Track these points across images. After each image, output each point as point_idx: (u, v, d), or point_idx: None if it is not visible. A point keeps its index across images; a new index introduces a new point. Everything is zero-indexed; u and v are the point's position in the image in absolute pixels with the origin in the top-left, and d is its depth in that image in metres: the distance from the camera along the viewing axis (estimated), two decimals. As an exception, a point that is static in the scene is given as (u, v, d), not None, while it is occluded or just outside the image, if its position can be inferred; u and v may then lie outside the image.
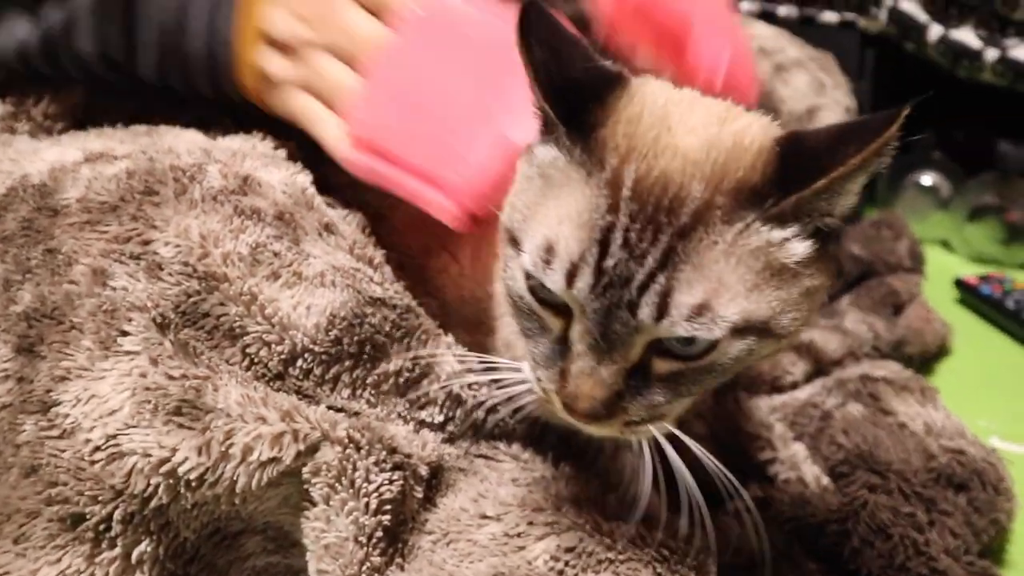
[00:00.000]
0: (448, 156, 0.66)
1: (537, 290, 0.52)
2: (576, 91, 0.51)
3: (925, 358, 1.12)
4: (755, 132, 0.51)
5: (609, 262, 0.48)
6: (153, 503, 0.54)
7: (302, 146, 0.76)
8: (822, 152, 0.48)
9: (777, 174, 0.49)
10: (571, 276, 0.49)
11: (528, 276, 0.52)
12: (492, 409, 0.69)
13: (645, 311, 0.48)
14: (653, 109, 0.52)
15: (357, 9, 0.71)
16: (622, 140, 0.50)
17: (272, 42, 0.72)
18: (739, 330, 0.49)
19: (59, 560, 0.54)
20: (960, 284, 1.30)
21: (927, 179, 1.45)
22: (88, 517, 0.54)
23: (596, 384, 0.50)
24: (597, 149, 0.50)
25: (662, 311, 0.48)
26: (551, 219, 0.51)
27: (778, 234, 0.49)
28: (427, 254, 0.74)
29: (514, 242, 0.53)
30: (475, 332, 0.71)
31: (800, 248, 0.50)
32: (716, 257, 0.48)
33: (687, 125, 0.51)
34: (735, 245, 0.48)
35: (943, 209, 1.45)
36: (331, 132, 0.71)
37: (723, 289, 0.48)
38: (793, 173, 0.48)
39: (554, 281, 0.50)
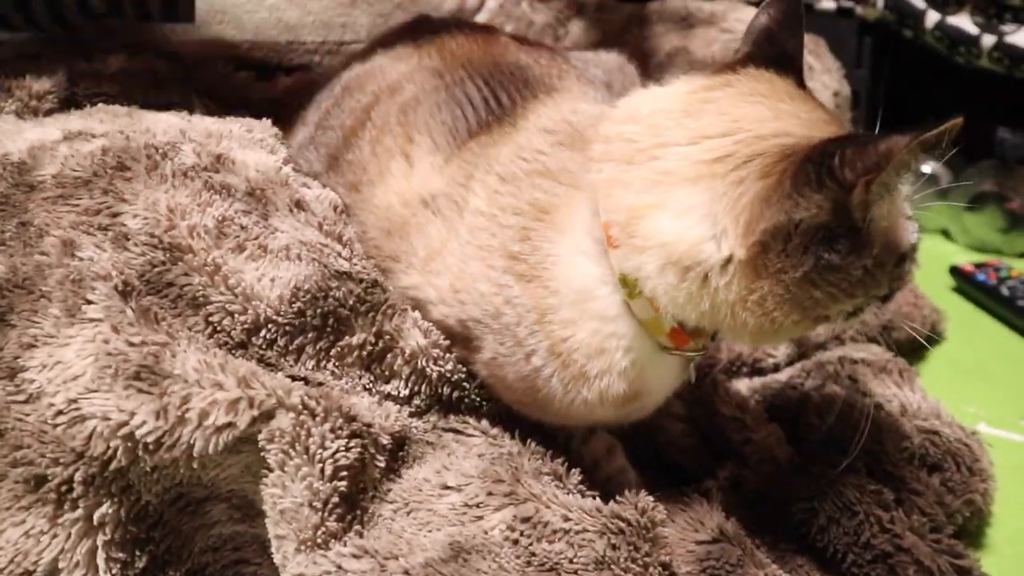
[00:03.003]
0: None
1: None
2: None
3: (915, 343, 1.11)
4: None
5: None
6: (113, 465, 0.56)
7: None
8: None
9: None
10: None
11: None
12: (457, 385, 0.70)
13: None
14: None
15: None
16: None
17: None
18: None
19: (23, 521, 0.56)
20: (955, 271, 1.28)
21: (927, 167, 1.44)
22: (50, 479, 0.56)
23: None
24: None
25: None
26: None
27: None
28: (395, 260, 0.73)
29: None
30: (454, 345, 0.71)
31: None
32: None
33: None
34: None
35: (943, 197, 1.44)
36: None
37: None
38: None
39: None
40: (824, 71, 1.17)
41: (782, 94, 0.62)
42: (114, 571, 0.58)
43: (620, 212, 0.61)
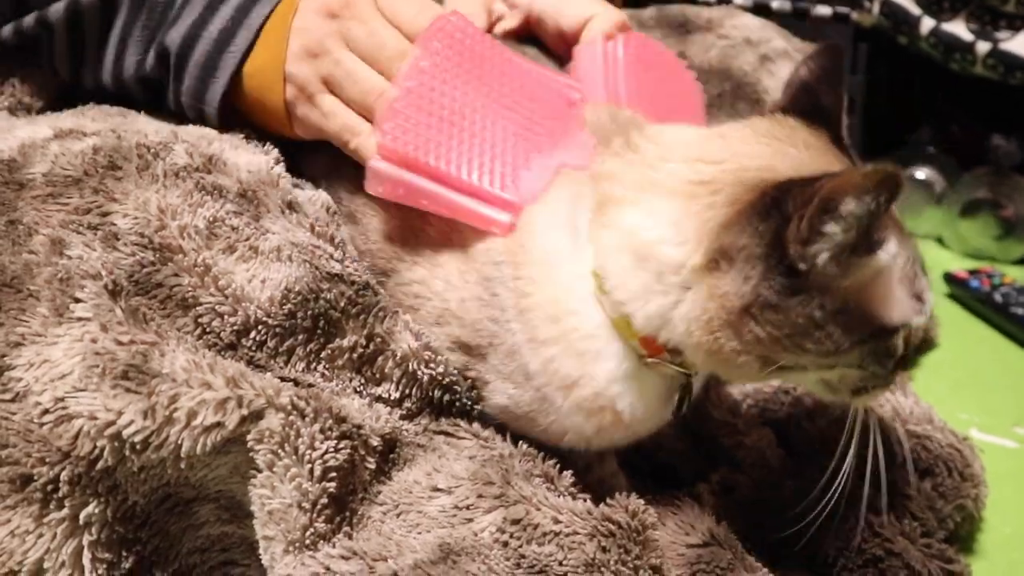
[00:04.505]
0: (495, 173, 0.67)
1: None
2: None
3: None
4: None
5: None
6: (99, 465, 0.55)
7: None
8: None
9: None
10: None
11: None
12: (448, 388, 0.70)
13: None
14: None
15: (383, 20, 0.71)
16: None
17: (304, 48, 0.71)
18: None
19: (8, 520, 0.56)
20: (949, 278, 1.29)
21: (921, 174, 1.44)
22: (36, 478, 0.55)
23: None
24: None
25: None
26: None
27: None
28: (400, 261, 0.73)
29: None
30: (461, 352, 0.70)
31: None
32: None
33: None
34: None
35: (937, 204, 1.44)
36: (365, 142, 0.69)
37: None
38: None
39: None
40: (818, 77, 1.17)
41: (798, 141, 0.63)
42: (100, 571, 0.58)
43: (602, 197, 0.64)
